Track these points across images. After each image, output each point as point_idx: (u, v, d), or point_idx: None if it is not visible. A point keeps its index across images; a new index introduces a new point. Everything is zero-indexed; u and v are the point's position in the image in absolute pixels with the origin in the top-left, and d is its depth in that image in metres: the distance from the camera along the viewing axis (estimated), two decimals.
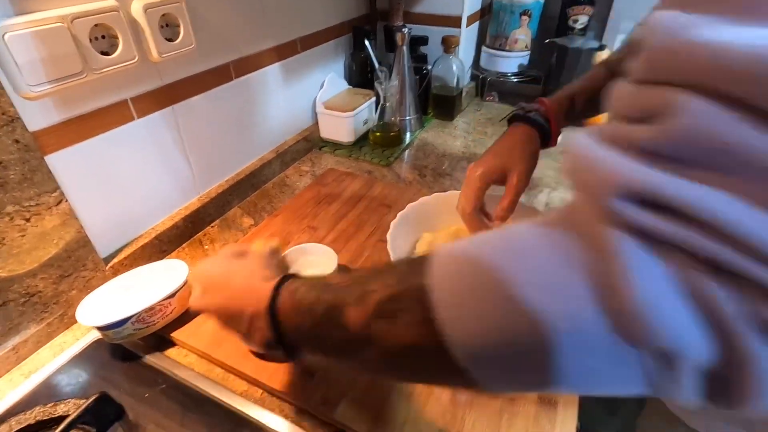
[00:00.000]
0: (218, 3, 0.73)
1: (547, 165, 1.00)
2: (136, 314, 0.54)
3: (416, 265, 0.26)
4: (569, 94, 0.63)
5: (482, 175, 0.57)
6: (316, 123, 1.09)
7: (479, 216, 0.57)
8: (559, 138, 0.62)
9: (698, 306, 0.18)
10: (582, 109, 0.63)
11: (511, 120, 0.63)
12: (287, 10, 0.89)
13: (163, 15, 0.61)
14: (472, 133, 1.16)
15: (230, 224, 0.82)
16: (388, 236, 0.58)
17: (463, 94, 1.26)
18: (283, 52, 0.91)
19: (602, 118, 1.13)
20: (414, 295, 0.25)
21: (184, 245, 0.77)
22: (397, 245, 0.59)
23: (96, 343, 0.59)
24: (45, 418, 0.48)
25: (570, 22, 1.19)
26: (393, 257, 0.55)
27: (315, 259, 0.66)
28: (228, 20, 0.76)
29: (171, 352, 0.58)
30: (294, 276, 0.37)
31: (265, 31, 0.85)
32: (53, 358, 0.57)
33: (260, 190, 0.92)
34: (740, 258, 0.17)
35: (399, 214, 0.62)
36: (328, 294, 0.31)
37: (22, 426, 0.47)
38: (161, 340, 0.59)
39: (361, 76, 1.16)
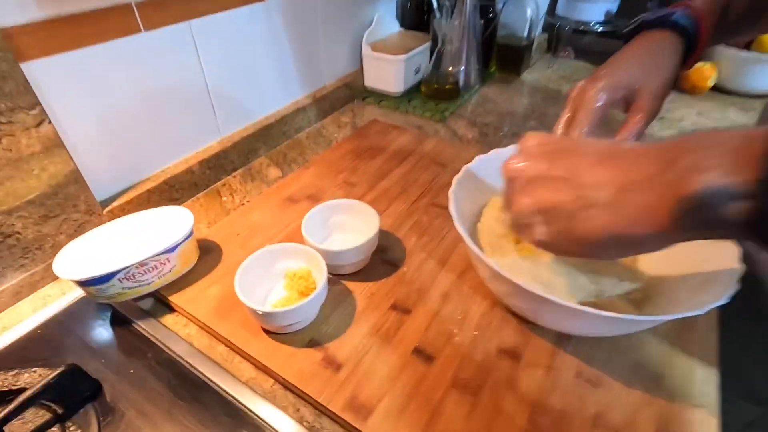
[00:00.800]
0: None
1: None
2: (124, 269, 0.43)
3: None
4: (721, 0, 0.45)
5: (604, 90, 0.40)
6: (361, 69, 0.94)
7: None
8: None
9: None
10: (736, 20, 0.44)
11: (637, 29, 0.45)
12: None
13: None
14: (541, 92, 0.98)
15: (254, 175, 0.70)
16: (451, 194, 0.44)
17: (534, 45, 1.07)
18: None
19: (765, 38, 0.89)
20: None
21: (199, 195, 0.65)
22: (460, 208, 0.44)
23: (84, 300, 0.48)
24: (3, 389, 0.38)
25: None
26: (457, 223, 0.40)
27: (351, 220, 0.52)
28: None
29: (168, 319, 0.47)
30: None
31: None
32: (33, 314, 0.47)
33: (292, 139, 0.79)
34: None
35: (464, 168, 0.47)
36: None
37: None
38: (158, 303, 0.48)
39: (416, 16, 0.99)
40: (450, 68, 0.93)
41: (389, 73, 0.90)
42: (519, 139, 0.36)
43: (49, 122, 0.45)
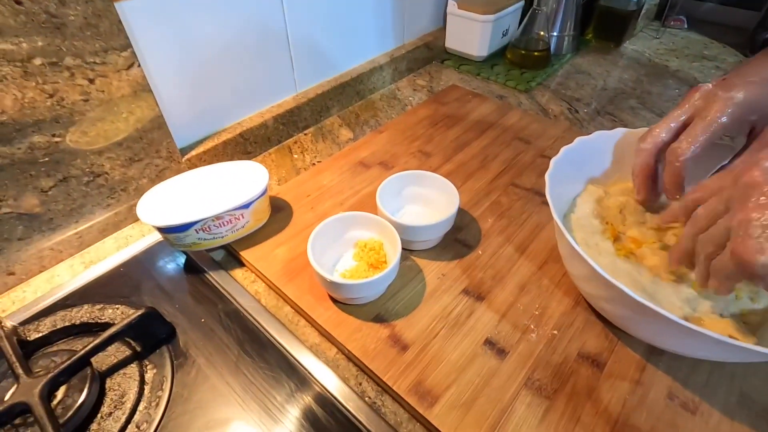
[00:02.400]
0: None
1: None
2: (201, 221, 0.43)
3: None
4: None
5: (739, 105, 0.33)
6: (443, 29, 0.87)
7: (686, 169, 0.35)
8: None
9: None
10: None
11: None
12: None
13: None
14: (645, 66, 0.86)
15: (326, 134, 0.68)
16: (548, 178, 0.39)
17: (643, 12, 0.94)
18: None
19: None
20: None
21: (271, 150, 0.65)
22: (555, 194, 0.39)
23: (161, 244, 0.50)
24: (90, 320, 0.41)
25: None
26: (555, 215, 0.36)
27: (426, 193, 0.49)
28: None
29: (237, 273, 0.47)
30: None
31: None
32: (116, 252, 0.50)
33: (365, 100, 0.76)
34: None
35: (564, 149, 0.42)
36: None
37: (66, 325, 0.40)
38: (229, 256, 0.49)
39: None
40: (541, 32, 0.84)
41: (474, 34, 0.83)
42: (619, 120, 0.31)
43: (139, 65, 0.45)
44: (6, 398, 0.33)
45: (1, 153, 0.39)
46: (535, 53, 0.84)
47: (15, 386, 0.34)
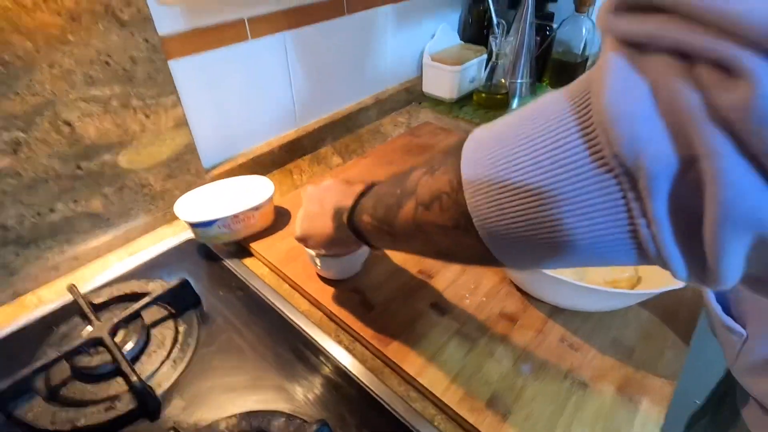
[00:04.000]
0: None
1: None
2: (222, 218, 0.58)
3: (454, 150, 0.27)
4: None
5: None
6: (420, 76, 1.05)
7: None
8: None
9: (665, 110, 0.16)
10: None
11: None
12: None
13: None
14: None
15: (320, 160, 0.84)
16: None
17: (588, 62, 1.12)
18: None
19: None
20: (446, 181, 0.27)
21: (275, 171, 0.80)
22: None
23: (188, 242, 0.64)
24: (138, 291, 0.54)
25: None
26: None
27: None
28: None
29: (248, 261, 0.61)
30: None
31: None
32: (153, 245, 0.64)
33: (354, 133, 0.93)
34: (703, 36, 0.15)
35: None
36: (393, 196, 0.34)
37: (120, 294, 0.54)
38: (241, 249, 0.63)
39: (475, 31, 1.09)
40: (502, 80, 1.02)
41: (445, 80, 1.00)
42: None
43: (180, 106, 0.61)
44: (84, 334, 0.47)
45: (83, 167, 0.55)
46: (498, 96, 1.01)
47: (90, 328, 0.47)
